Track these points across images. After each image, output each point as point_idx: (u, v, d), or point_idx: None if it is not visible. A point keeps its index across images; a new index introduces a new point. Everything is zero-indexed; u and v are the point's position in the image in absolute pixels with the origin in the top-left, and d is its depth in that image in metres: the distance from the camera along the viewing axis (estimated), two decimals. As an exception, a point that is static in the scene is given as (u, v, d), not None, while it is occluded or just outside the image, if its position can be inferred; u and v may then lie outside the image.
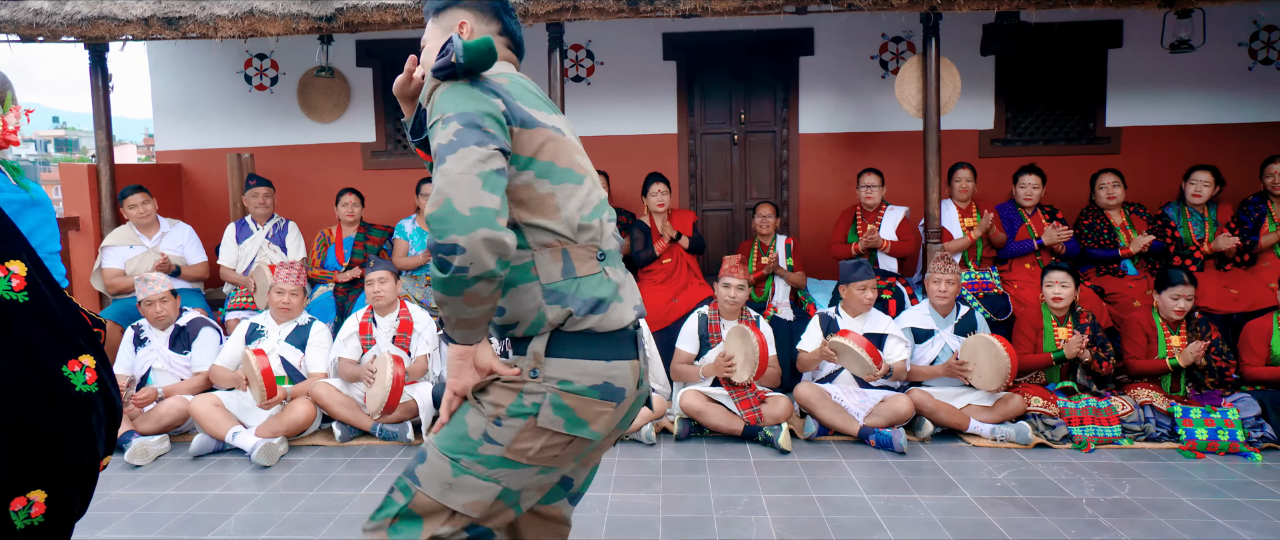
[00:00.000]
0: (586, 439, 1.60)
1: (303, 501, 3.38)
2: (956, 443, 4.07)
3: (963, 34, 5.72)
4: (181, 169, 6.31)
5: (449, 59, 1.50)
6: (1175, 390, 4.26)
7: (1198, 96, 5.88)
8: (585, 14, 4.53)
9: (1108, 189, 5.18)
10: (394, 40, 6.02)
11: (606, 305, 1.59)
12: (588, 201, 1.63)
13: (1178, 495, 3.34)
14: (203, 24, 4.52)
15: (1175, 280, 4.24)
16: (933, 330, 4.39)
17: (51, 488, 1.56)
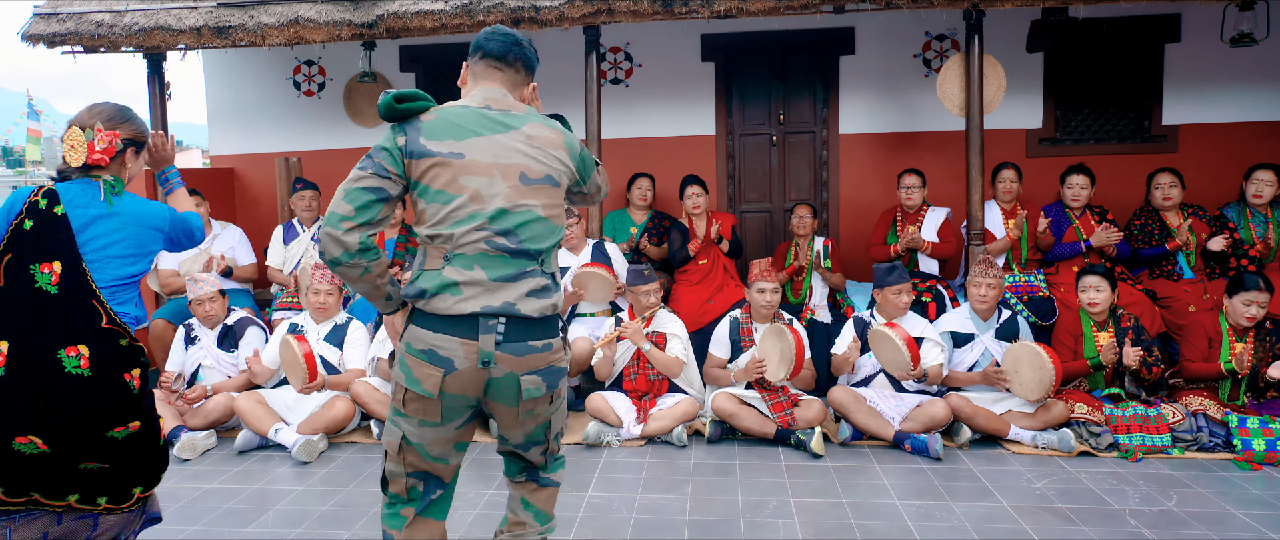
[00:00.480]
0: (424, 394, 1.97)
1: (339, 497, 3.47)
2: (996, 449, 3.97)
3: (1008, 31, 5.58)
4: (234, 173, 6.54)
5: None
6: (1233, 398, 4.08)
7: (1259, 92, 5.62)
8: (620, 16, 4.56)
9: (1164, 189, 4.99)
10: (436, 45, 6.13)
11: (432, 294, 1.96)
12: (452, 215, 1.97)
13: (1230, 508, 3.20)
14: (251, 32, 4.68)
15: (1250, 285, 4.05)
16: (973, 334, 4.29)
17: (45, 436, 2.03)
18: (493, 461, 3.87)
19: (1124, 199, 5.53)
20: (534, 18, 4.55)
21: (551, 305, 2.03)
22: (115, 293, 2.17)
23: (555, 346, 2.05)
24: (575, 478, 3.65)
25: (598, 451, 4.02)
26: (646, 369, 4.26)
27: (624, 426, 4.10)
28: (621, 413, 4.13)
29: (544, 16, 4.54)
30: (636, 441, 4.11)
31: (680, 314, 5.06)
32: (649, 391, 4.27)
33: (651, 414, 4.13)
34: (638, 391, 4.27)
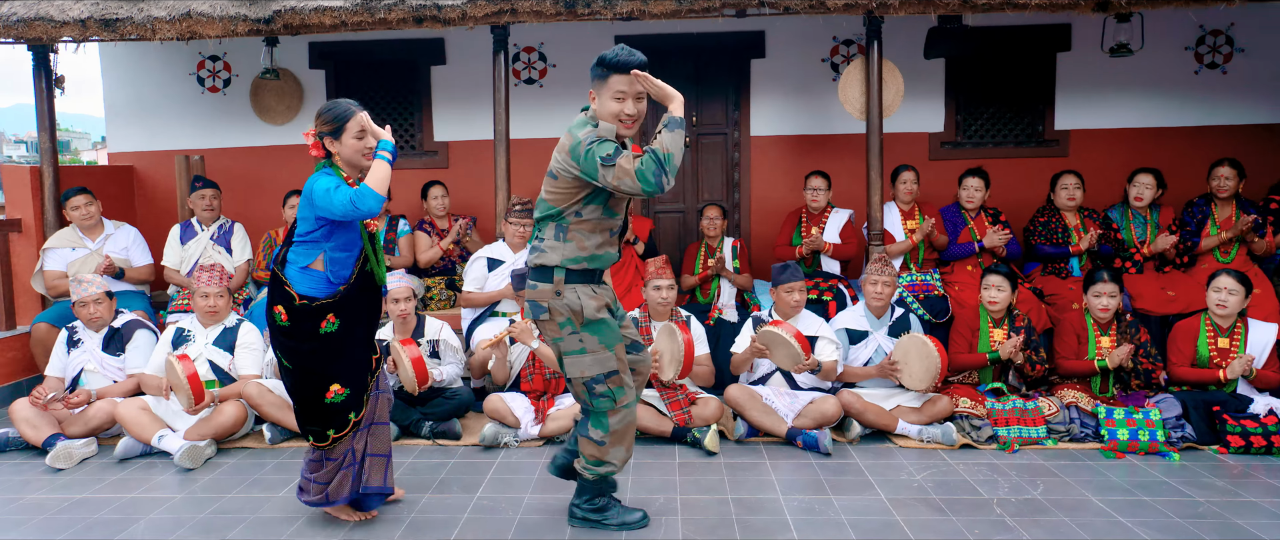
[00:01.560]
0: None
1: (218, 504, 3.38)
2: (885, 444, 4.09)
3: (911, 37, 5.76)
4: (134, 171, 6.31)
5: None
6: (1104, 391, 4.29)
7: (1145, 100, 5.92)
8: (524, 17, 4.55)
9: (1069, 191, 5.20)
10: (347, 42, 6.03)
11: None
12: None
13: (1088, 495, 3.37)
14: (140, 26, 4.53)
15: (1098, 279, 4.29)
16: (867, 332, 4.41)
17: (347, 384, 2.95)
18: (480, 466, 3.84)
19: (1020, 200, 5.75)
20: (437, 16, 4.51)
21: (537, 259, 2.85)
22: (289, 266, 2.87)
23: (540, 288, 2.85)
24: (467, 479, 3.63)
25: (496, 452, 4.01)
26: (543, 369, 4.27)
27: (522, 427, 4.09)
28: (519, 413, 4.13)
29: (447, 15, 4.51)
30: (535, 442, 4.11)
31: (588, 314, 5.08)
32: (546, 391, 4.28)
33: (550, 414, 4.13)
34: (535, 391, 4.27)
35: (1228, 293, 4.16)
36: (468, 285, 4.81)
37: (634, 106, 2.73)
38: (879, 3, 4.42)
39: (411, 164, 6.18)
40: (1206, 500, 3.30)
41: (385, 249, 5.35)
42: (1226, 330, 4.22)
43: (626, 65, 2.68)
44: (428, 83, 6.14)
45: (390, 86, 6.21)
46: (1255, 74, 5.81)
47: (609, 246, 2.91)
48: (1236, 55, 5.82)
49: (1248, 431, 3.86)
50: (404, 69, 6.15)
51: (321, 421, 2.96)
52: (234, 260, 5.36)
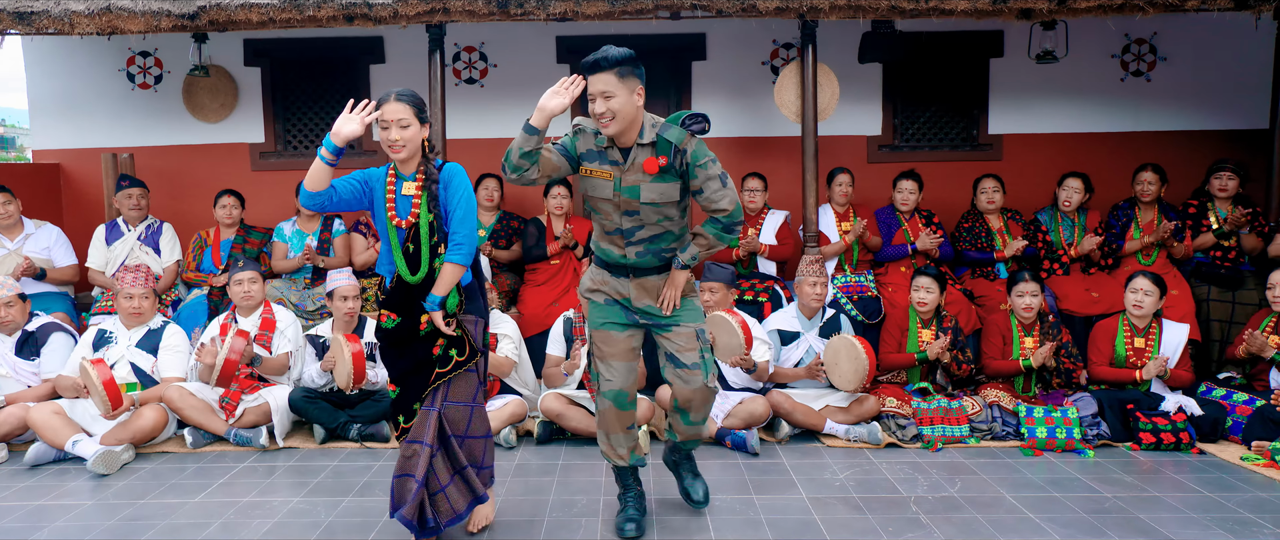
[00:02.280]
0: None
1: (130, 510, 3.30)
2: (813, 443, 4.14)
3: (848, 42, 5.84)
4: (60, 169, 6.13)
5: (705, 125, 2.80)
6: (1027, 390, 4.40)
7: (1074, 106, 6.08)
8: (456, 16, 4.52)
9: (988, 194, 5.33)
10: (284, 39, 5.92)
11: None
12: None
13: (1003, 492, 3.45)
14: (58, 20, 4.40)
15: (1020, 279, 4.39)
16: (799, 332, 4.46)
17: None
18: (308, 469, 3.77)
19: (956, 203, 5.85)
20: (367, 14, 4.45)
21: None
22: None
23: None
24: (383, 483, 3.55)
25: (423, 455, 3.97)
26: (477, 371, 4.24)
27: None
28: (449, 415, 4.09)
29: (377, 14, 4.45)
30: (465, 444, 4.07)
31: (525, 314, 5.07)
32: (480, 394, 4.24)
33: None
34: (468, 394, 4.24)
35: (1144, 294, 4.29)
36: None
37: (600, 105, 2.74)
38: (809, 7, 4.47)
39: (350, 164, 6.07)
40: (1114, 496, 3.40)
41: (320, 250, 5.27)
42: (1142, 330, 4.36)
43: (582, 66, 2.76)
44: (367, 81, 6.06)
45: (328, 85, 6.11)
46: (1178, 82, 6.00)
47: (604, 242, 2.98)
48: (1160, 63, 6.01)
49: (1158, 429, 3.99)
50: (343, 67, 6.06)
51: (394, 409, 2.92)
52: (163, 261, 5.24)
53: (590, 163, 2.87)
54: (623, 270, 2.96)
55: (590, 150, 2.86)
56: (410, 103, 2.73)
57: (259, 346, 4.28)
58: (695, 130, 2.79)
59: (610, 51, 2.71)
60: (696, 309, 3.03)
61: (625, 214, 2.86)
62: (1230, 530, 3.03)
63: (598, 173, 2.86)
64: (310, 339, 4.39)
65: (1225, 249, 5.12)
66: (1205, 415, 4.07)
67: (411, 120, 2.72)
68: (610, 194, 2.85)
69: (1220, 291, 5.04)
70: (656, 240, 2.91)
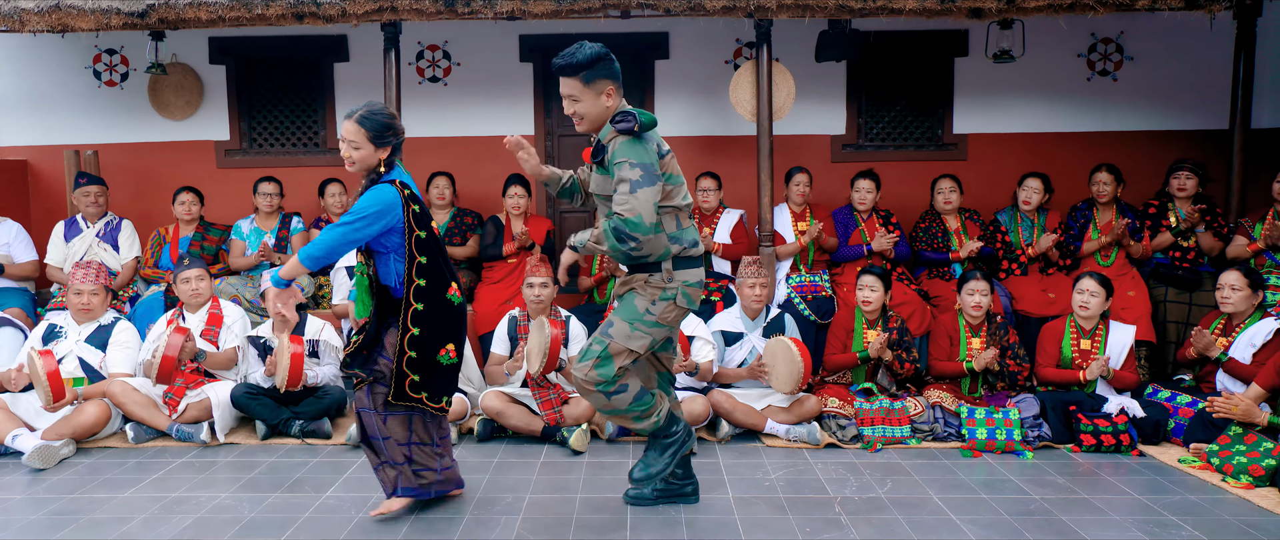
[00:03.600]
0: (688, 308, 3.03)
1: (56, 504, 3.32)
2: (754, 443, 4.14)
3: (810, 41, 5.81)
4: (27, 165, 6.17)
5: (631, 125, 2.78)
6: (973, 391, 4.38)
7: (1039, 105, 6.04)
8: (404, 14, 4.54)
9: (945, 194, 5.31)
10: (248, 37, 5.95)
11: (692, 244, 3.02)
12: (685, 190, 3.01)
13: (931, 493, 3.43)
14: (8, 16, 4.43)
15: (970, 278, 4.37)
16: (742, 333, 4.46)
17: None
18: (341, 465, 3.79)
19: (921, 203, 5.82)
20: (315, 13, 4.47)
21: None
22: None
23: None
24: (322, 478, 3.61)
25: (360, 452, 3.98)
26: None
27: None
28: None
29: (326, 12, 4.47)
30: (405, 441, 4.08)
31: (478, 312, 5.08)
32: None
33: (421, 413, 4.12)
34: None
35: (1089, 294, 4.27)
36: (336, 296, 4.83)
37: (567, 108, 2.88)
38: (757, 5, 4.46)
39: (314, 161, 6.12)
40: (1041, 498, 3.38)
41: (276, 248, 5.29)
42: (1089, 331, 4.33)
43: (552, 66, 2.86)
44: (331, 80, 6.08)
45: (293, 84, 6.14)
46: (1144, 81, 5.96)
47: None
48: (1126, 63, 5.96)
49: (1099, 430, 3.96)
50: (307, 66, 6.08)
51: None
52: (121, 258, 5.27)
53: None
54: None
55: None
56: (365, 125, 2.81)
57: (206, 341, 4.30)
58: (620, 128, 2.79)
59: (577, 55, 2.74)
60: (633, 302, 2.98)
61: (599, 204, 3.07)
62: (1148, 532, 3.01)
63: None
64: (252, 341, 4.40)
65: (1184, 250, 5.09)
66: (1147, 417, 4.05)
67: (362, 143, 2.81)
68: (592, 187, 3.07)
69: (1177, 293, 5.02)
70: None
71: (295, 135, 6.22)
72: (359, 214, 2.81)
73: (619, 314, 2.98)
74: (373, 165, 2.88)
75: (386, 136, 2.85)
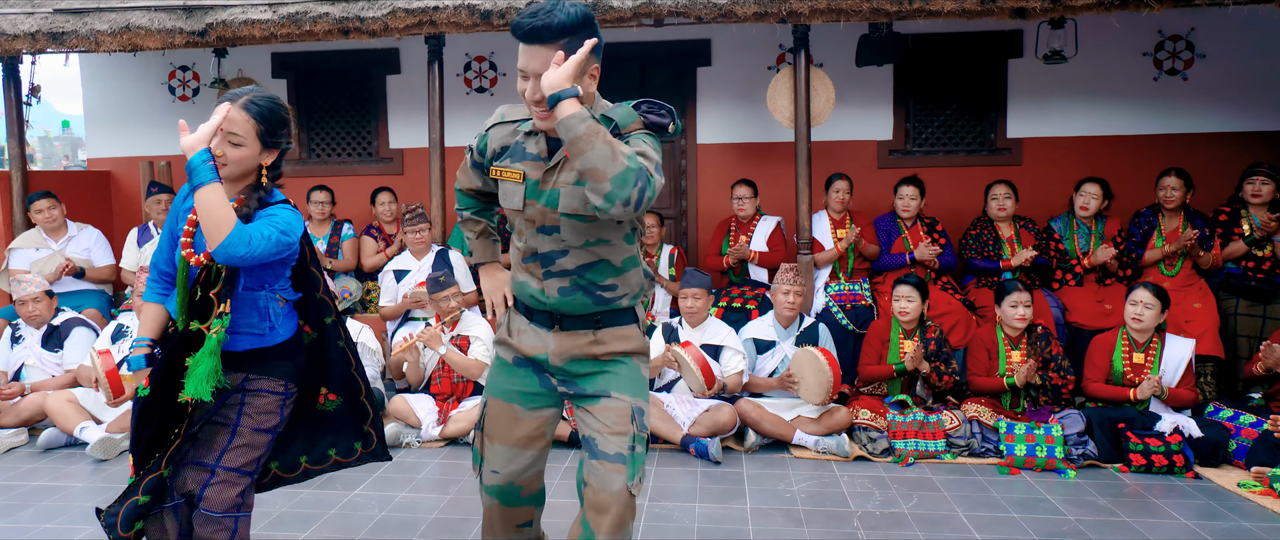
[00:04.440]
0: None
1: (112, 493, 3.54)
2: (782, 454, 4.08)
3: (850, 46, 5.70)
4: (110, 176, 6.61)
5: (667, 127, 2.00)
6: (1014, 406, 4.20)
7: (1101, 107, 5.76)
8: (443, 27, 4.66)
9: (999, 200, 5.12)
10: (306, 52, 6.23)
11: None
12: None
13: (958, 510, 3.31)
14: (86, 38, 4.77)
15: (1011, 289, 4.20)
16: (774, 341, 4.40)
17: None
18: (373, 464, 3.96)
19: (973, 210, 5.63)
20: (360, 28, 4.65)
21: None
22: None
23: None
24: (352, 477, 3.74)
25: (395, 451, 4.10)
26: (450, 372, 4.36)
27: (423, 428, 4.19)
28: (422, 414, 4.22)
29: (370, 27, 4.65)
30: (436, 443, 4.20)
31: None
32: (453, 394, 4.36)
33: (452, 415, 4.22)
34: (443, 394, 4.36)
35: (1143, 306, 4.04)
36: (383, 299, 4.99)
37: (532, 89, 1.95)
38: (790, 11, 4.41)
39: (368, 170, 6.36)
40: (1077, 519, 3.22)
41: (329, 252, 5.51)
42: (1142, 345, 4.10)
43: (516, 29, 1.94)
44: (383, 92, 6.31)
45: (348, 95, 6.40)
46: (1217, 80, 5.62)
47: (519, 272, 2.17)
48: (1197, 61, 5.63)
49: (1150, 450, 3.75)
50: (360, 78, 6.33)
51: None
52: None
53: (502, 161, 2.13)
54: (545, 317, 2.14)
55: (508, 145, 2.12)
56: (253, 114, 2.10)
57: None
58: (652, 120, 1.97)
59: (555, 14, 1.89)
60: (638, 375, 2.16)
61: (541, 232, 2.08)
62: (1188, 561, 2.84)
63: (507, 174, 2.10)
64: None
65: (1258, 259, 4.77)
66: (1205, 437, 3.80)
67: (248, 137, 2.09)
68: (520, 203, 2.08)
69: (1249, 305, 4.70)
70: (586, 273, 2.07)
71: (350, 145, 6.48)
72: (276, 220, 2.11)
73: (629, 391, 2.12)
74: (252, 171, 2.14)
75: (279, 136, 2.15)
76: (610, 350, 2.13)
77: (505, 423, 2.23)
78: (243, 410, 2.23)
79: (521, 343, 2.19)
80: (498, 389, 2.24)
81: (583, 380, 2.15)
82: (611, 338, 2.13)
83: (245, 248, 2.01)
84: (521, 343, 2.19)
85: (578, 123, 1.80)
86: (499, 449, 2.23)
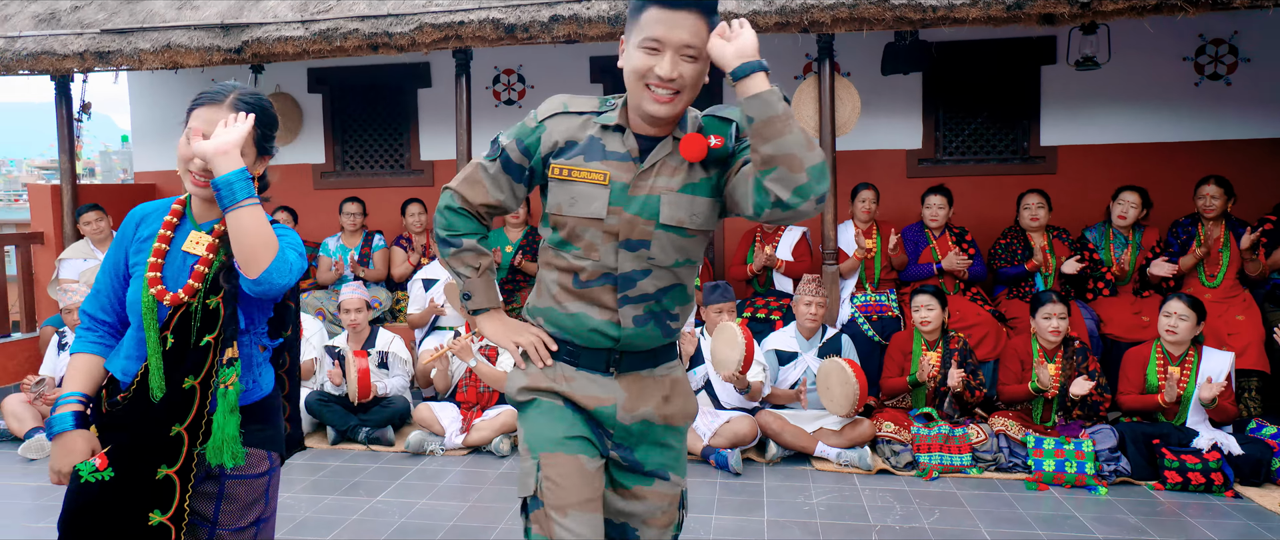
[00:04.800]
0: None
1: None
2: (804, 466, 4.04)
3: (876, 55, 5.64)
4: (156, 189, 6.85)
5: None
6: (1046, 420, 4.10)
7: (1139, 114, 5.61)
8: (469, 41, 4.74)
9: (1032, 210, 5.03)
10: (341, 67, 6.39)
11: None
12: None
13: (979, 525, 3.24)
14: (130, 57, 4.96)
15: (1046, 300, 4.11)
16: (796, 353, 4.36)
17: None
18: (397, 471, 4.04)
19: (1005, 220, 5.53)
20: (388, 43, 4.76)
21: None
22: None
23: None
24: (376, 483, 3.80)
25: (419, 459, 4.17)
26: (476, 380, 4.41)
27: (447, 436, 4.24)
28: (446, 422, 4.28)
29: (398, 42, 4.75)
30: (459, 451, 4.25)
31: (541, 328, 5.21)
32: (478, 402, 4.41)
33: (475, 424, 4.27)
34: (468, 402, 4.41)
35: (1178, 318, 3.92)
36: (411, 307, 5.07)
37: (671, 65, 1.62)
38: (811, 21, 4.39)
39: (399, 181, 6.48)
40: (1105, 537, 3.13)
41: (361, 262, 5.62)
42: (1178, 358, 3.97)
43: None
44: (415, 105, 6.43)
45: (380, 109, 6.53)
46: (1263, 85, 5.43)
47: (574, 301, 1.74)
48: (1241, 65, 5.46)
49: (1186, 467, 3.62)
50: (392, 92, 6.46)
51: None
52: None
53: (571, 159, 1.72)
54: (602, 356, 1.75)
55: (577, 141, 1.73)
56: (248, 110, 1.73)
57: (286, 352, 4.62)
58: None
59: None
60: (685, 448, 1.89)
61: (625, 247, 1.70)
62: (1221, 583, 2.73)
63: (585, 174, 1.70)
64: (327, 350, 4.69)
65: (1307, 270, 4.59)
66: (1247, 455, 3.66)
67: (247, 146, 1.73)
68: (601, 210, 1.69)
69: (1297, 318, 4.52)
70: (663, 298, 1.74)
71: (382, 157, 6.61)
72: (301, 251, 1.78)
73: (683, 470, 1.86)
74: None
75: (272, 141, 1.81)
76: (678, 412, 1.81)
77: (577, 481, 1.67)
78: (221, 502, 1.74)
79: (575, 391, 1.73)
80: (553, 440, 1.70)
81: (644, 450, 1.78)
82: (676, 393, 1.81)
83: (286, 276, 1.65)
84: (575, 391, 1.73)
85: (777, 100, 1.51)
86: (580, 518, 1.65)
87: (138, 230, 1.79)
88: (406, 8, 4.70)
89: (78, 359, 1.78)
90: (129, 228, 1.81)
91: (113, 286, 1.80)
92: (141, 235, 1.78)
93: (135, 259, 1.77)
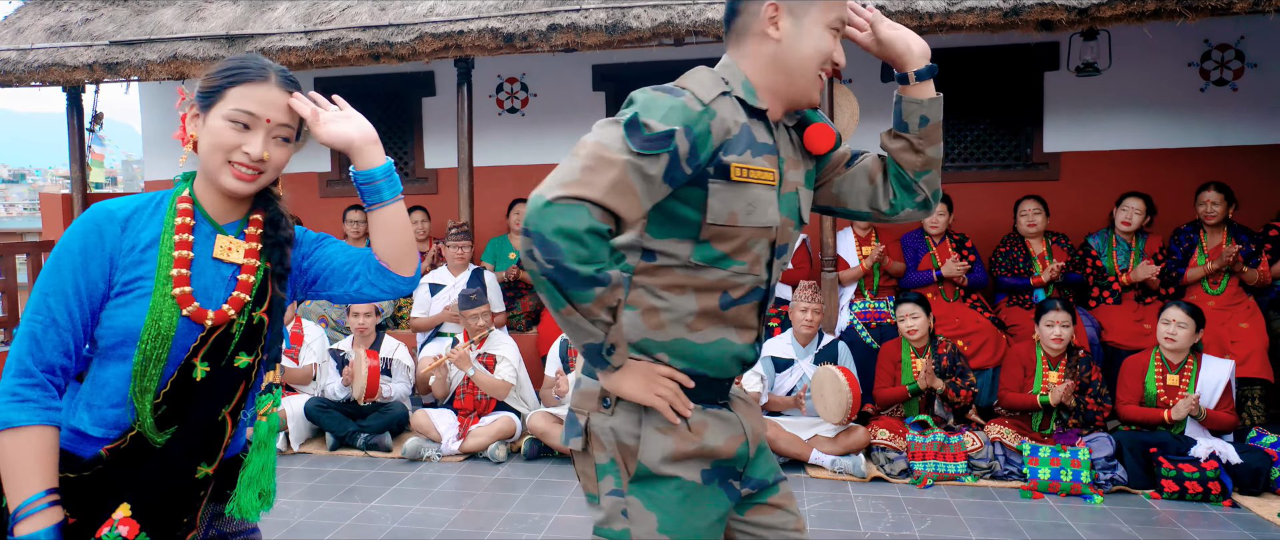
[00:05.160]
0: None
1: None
2: (798, 474, 4.03)
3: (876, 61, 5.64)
4: (166, 196, 6.96)
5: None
6: (1043, 428, 4.07)
7: (1144, 120, 5.57)
8: (468, 50, 4.80)
9: (1028, 216, 5.00)
10: (348, 76, 6.47)
11: None
12: None
13: (971, 534, 3.23)
14: (138, 68, 5.06)
15: (1050, 308, 4.08)
16: (792, 360, 4.36)
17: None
18: (393, 477, 4.08)
19: (1008, 226, 5.51)
20: (390, 52, 4.82)
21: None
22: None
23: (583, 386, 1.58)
24: (371, 489, 3.84)
25: (416, 465, 4.21)
26: (474, 387, 4.44)
27: (443, 442, 4.27)
28: (443, 429, 4.31)
29: (399, 51, 4.81)
30: (456, 457, 4.28)
31: (541, 333, 5.24)
32: (475, 409, 4.44)
33: (471, 430, 4.30)
34: (464, 409, 4.44)
35: (1176, 325, 3.88)
36: (414, 311, 5.11)
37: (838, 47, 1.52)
38: (807, 28, 4.40)
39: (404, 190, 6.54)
40: (1097, 546, 3.10)
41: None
42: (1177, 366, 3.94)
43: None
44: (419, 113, 6.50)
45: (385, 117, 6.61)
46: (1270, 90, 5.38)
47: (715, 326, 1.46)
48: (1248, 71, 5.41)
49: (1183, 476, 3.58)
50: (397, 100, 6.54)
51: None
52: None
53: (742, 154, 1.42)
54: (726, 387, 1.52)
55: (732, 132, 1.41)
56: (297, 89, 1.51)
57: (287, 358, 4.69)
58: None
59: None
60: None
61: (778, 255, 1.52)
62: (1211, 594, 2.70)
63: (759, 173, 1.44)
64: (332, 353, 4.75)
65: (1312, 277, 4.54)
66: (1245, 464, 3.62)
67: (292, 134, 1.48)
68: (776, 217, 1.46)
69: (1301, 325, 4.47)
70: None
71: (389, 166, 6.68)
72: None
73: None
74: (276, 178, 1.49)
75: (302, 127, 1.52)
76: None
77: None
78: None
79: (710, 441, 1.45)
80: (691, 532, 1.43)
81: (756, 465, 1.54)
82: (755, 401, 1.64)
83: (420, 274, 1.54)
84: (710, 441, 1.45)
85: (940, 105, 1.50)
86: None
87: (127, 236, 1.37)
88: (407, 18, 4.76)
89: (27, 439, 1.26)
90: (110, 233, 1.36)
91: (80, 318, 1.33)
92: (140, 243, 1.37)
93: (135, 273, 1.35)
